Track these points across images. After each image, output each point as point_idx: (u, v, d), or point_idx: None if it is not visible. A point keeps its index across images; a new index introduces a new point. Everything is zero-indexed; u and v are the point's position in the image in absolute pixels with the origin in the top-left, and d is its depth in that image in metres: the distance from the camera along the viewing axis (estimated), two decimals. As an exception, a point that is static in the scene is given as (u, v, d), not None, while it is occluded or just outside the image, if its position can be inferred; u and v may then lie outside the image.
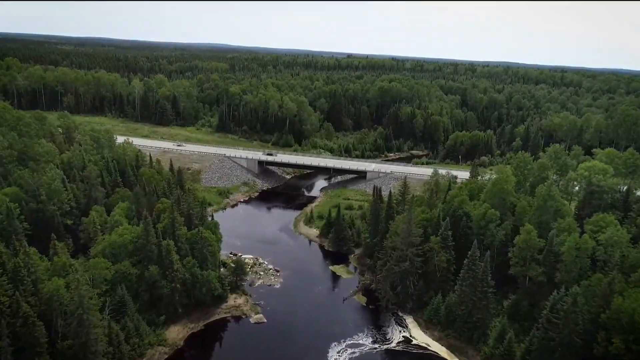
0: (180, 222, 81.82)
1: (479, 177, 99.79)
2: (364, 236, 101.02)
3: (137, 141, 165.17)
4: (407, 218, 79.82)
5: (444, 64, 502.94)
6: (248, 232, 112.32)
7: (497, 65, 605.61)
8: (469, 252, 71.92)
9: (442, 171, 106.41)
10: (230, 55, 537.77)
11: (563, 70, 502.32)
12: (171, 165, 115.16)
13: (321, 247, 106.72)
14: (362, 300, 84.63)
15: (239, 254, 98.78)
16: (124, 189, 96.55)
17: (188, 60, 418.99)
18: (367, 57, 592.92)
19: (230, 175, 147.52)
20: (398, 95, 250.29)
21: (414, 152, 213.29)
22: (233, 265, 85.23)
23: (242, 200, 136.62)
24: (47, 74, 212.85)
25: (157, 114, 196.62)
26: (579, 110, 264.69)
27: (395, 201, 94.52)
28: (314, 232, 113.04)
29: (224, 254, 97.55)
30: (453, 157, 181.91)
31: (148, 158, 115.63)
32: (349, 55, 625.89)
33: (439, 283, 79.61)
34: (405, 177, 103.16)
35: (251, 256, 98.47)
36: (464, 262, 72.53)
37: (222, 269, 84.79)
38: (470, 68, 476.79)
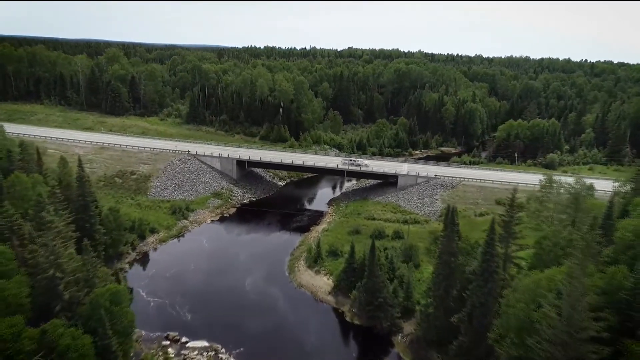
0: (18, 297, 33.88)
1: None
2: (422, 305, 53.21)
3: (67, 134, 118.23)
4: (572, 294, 31.86)
5: (457, 55, 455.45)
6: (208, 285, 64.12)
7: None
8: None
9: (566, 178, 58.29)
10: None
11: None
12: (79, 166, 66.63)
13: (338, 314, 58.70)
14: None
15: (182, 341, 50.71)
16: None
17: (170, 49, 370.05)
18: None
19: (195, 182, 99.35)
20: (419, 79, 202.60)
21: (444, 148, 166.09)
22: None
23: (210, 220, 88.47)
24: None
25: (108, 100, 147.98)
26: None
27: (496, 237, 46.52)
28: (323, 282, 64.98)
29: (152, 338, 49.96)
30: (506, 154, 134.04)
31: (35, 155, 67.13)
32: (349, 48, 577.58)
33: None
34: (515, 188, 53.27)
35: (205, 344, 50.46)
36: None
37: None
38: (487, 58, 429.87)
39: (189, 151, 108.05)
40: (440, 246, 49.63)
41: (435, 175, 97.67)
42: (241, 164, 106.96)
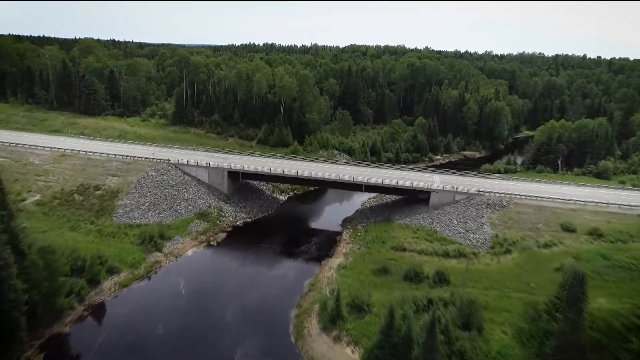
0: None
1: None
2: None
3: (25, 138, 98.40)
4: None
5: (466, 52, 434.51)
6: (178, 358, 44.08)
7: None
8: None
9: None
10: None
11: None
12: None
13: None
14: None
15: None
16: None
17: (164, 47, 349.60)
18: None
19: (175, 200, 79.29)
20: (434, 75, 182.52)
21: (466, 152, 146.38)
22: None
23: (191, 251, 68.41)
24: None
25: (82, 97, 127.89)
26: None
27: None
28: (346, 357, 44.94)
29: None
30: (548, 161, 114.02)
31: None
32: (353, 45, 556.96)
33: None
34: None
35: None
36: None
37: None
38: (497, 55, 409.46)
39: (169, 160, 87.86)
40: (559, 338, 29.61)
41: (479, 190, 77.56)
42: (234, 175, 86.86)
